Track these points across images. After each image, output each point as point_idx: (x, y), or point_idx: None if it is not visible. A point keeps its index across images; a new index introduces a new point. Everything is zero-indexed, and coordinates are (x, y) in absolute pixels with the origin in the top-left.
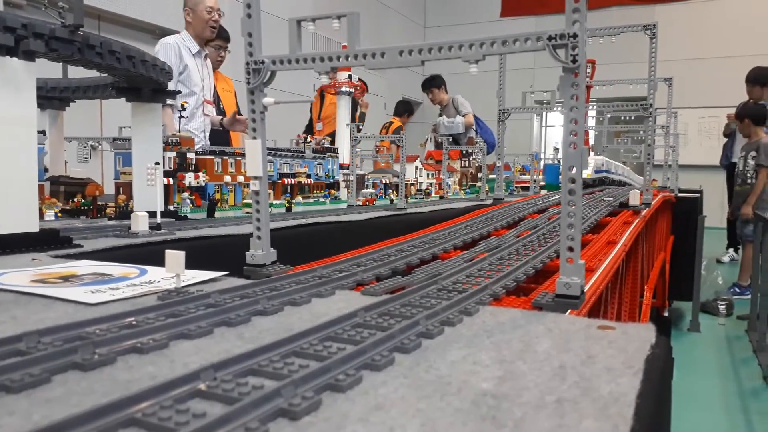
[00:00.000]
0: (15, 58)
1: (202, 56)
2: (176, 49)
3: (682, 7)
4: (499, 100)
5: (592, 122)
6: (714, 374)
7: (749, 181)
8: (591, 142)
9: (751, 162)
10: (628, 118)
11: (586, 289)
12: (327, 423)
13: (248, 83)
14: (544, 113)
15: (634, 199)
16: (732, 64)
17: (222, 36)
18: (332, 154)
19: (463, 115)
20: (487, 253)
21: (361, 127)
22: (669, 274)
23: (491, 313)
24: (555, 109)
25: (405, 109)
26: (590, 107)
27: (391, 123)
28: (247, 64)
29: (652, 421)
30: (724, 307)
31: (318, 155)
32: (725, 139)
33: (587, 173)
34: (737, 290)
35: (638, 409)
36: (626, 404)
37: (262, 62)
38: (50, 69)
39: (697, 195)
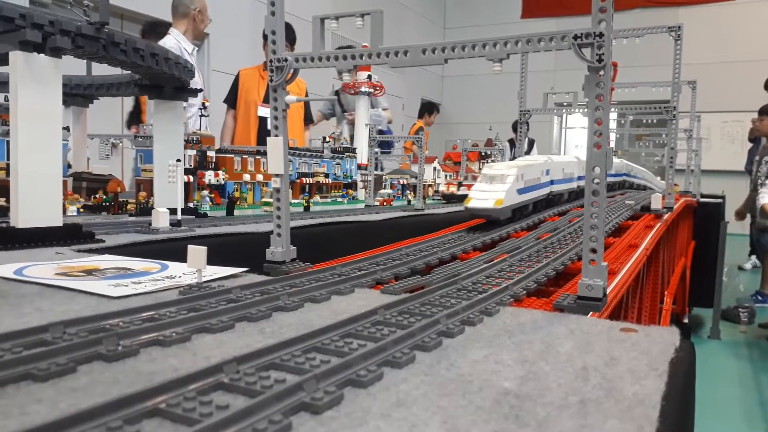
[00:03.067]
0: (42, 55)
1: (195, 54)
2: (179, 52)
3: (706, 9)
4: (521, 101)
5: (613, 125)
6: (734, 383)
7: (759, 186)
8: (612, 145)
9: (765, 168)
10: (650, 121)
11: (607, 292)
12: (349, 417)
13: (271, 80)
14: (564, 115)
15: (656, 202)
16: (757, 68)
17: (288, 37)
18: (350, 155)
19: (384, 110)
20: (506, 255)
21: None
22: (690, 280)
23: (512, 314)
24: (576, 111)
25: (426, 109)
26: (612, 110)
27: (413, 125)
28: (270, 61)
29: (677, 424)
30: (745, 314)
31: (336, 155)
32: (749, 144)
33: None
34: (760, 298)
35: (663, 411)
36: (651, 406)
37: (285, 60)
38: (74, 66)
39: (720, 200)
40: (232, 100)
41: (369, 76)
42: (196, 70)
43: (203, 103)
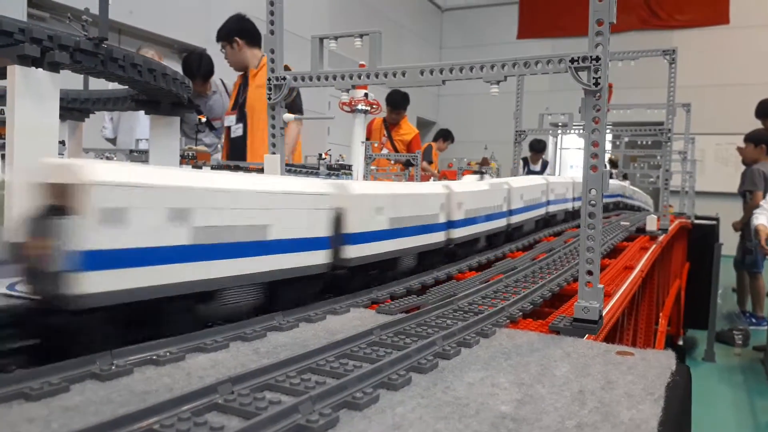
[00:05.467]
0: (40, 69)
1: None
2: None
3: (700, 33)
4: (516, 121)
5: (608, 146)
6: (729, 405)
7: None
8: (606, 167)
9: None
10: (644, 142)
11: (603, 314)
12: None
13: (269, 99)
14: (560, 135)
15: (651, 224)
16: (750, 92)
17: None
18: (346, 171)
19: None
20: (502, 275)
21: None
22: (684, 302)
23: (508, 336)
24: (571, 131)
25: (443, 134)
26: (607, 131)
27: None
28: (269, 80)
29: None
30: (740, 337)
31: (332, 172)
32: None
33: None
34: (754, 320)
35: None
36: (648, 431)
37: (284, 78)
38: (70, 81)
39: (714, 222)
40: None
41: (366, 94)
42: None
43: (199, 119)
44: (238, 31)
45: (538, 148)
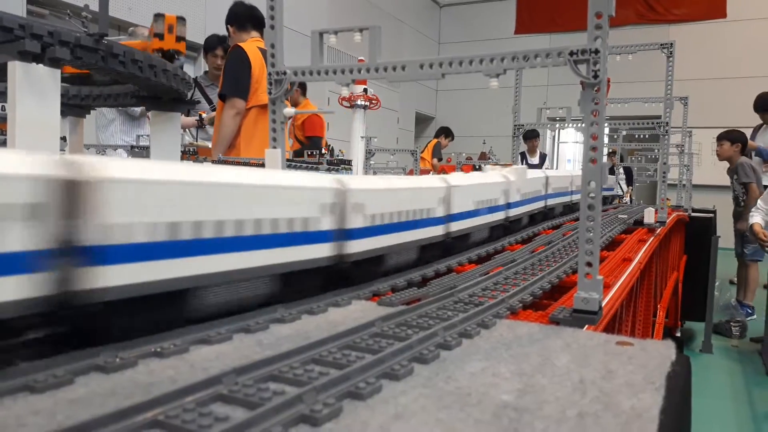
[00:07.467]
0: (41, 65)
1: None
2: None
3: (697, 27)
4: (515, 115)
5: (606, 140)
6: (727, 397)
7: (741, 203)
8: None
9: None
10: (642, 136)
11: (602, 305)
12: (348, 430)
13: (270, 93)
14: (557, 129)
15: (649, 217)
16: (747, 85)
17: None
18: (346, 167)
19: None
20: (502, 267)
21: None
22: (681, 294)
23: (508, 327)
24: (569, 125)
25: (444, 131)
26: (605, 124)
27: (429, 141)
28: (269, 74)
29: None
30: (737, 328)
31: (332, 167)
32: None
33: None
34: (750, 311)
35: (662, 425)
36: (649, 420)
37: (284, 73)
38: None
39: (711, 215)
40: None
41: (365, 90)
42: None
43: (200, 115)
44: (229, 18)
45: (531, 135)
